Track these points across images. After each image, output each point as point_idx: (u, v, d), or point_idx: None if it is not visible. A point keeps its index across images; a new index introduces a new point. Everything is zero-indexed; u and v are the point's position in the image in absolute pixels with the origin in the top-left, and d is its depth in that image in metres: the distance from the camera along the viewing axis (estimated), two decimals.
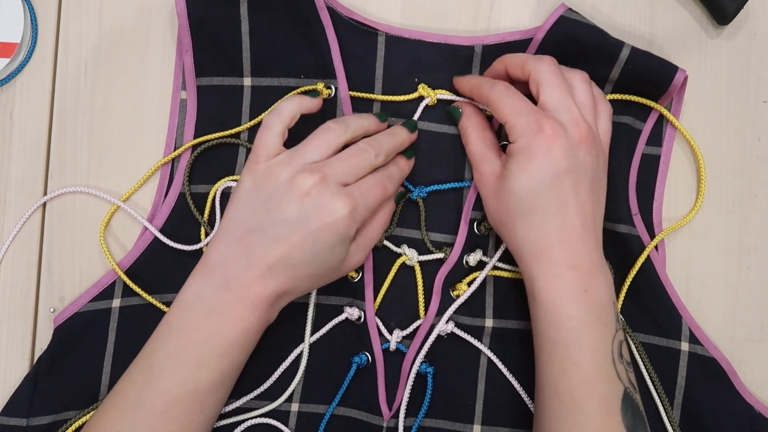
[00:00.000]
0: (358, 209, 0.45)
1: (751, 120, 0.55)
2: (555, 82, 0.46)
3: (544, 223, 0.45)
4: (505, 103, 0.46)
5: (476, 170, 0.49)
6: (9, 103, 0.55)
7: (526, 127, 0.45)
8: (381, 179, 0.47)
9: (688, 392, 0.51)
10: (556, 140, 0.44)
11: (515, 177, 0.45)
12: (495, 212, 0.47)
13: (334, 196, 0.44)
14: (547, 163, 0.44)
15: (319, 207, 0.44)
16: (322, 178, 0.44)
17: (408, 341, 0.51)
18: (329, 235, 0.44)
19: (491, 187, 0.47)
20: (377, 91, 0.53)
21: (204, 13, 0.52)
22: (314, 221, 0.44)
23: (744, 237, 0.54)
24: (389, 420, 0.50)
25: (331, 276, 0.47)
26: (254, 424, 0.50)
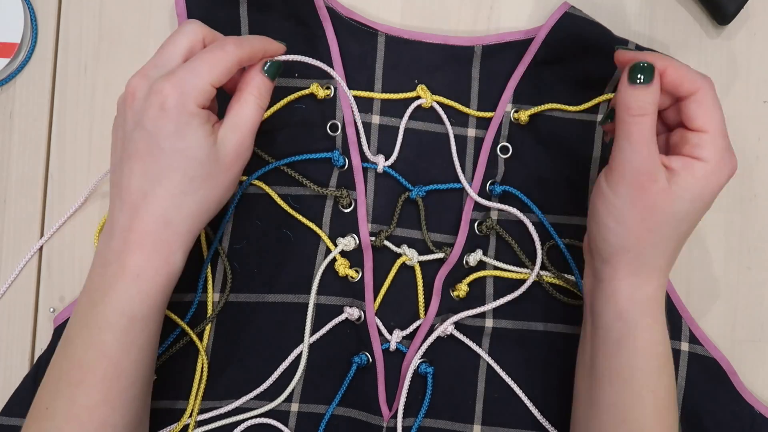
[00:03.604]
0: (184, 79, 0.40)
1: (751, 120, 0.55)
2: (720, 110, 0.42)
3: (676, 250, 0.43)
4: (712, 109, 0.41)
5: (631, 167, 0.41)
6: (9, 103, 0.55)
7: (722, 151, 0.40)
8: (216, 44, 0.42)
9: (688, 392, 0.51)
10: (729, 177, 0.41)
11: (689, 203, 0.41)
12: (632, 224, 0.41)
13: (155, 82, 0.40)
14: (713, 197, 0.41)
15: (144, 101, 0.40)
16: (142, 75, 0.41)
17: (408, 341, 0.51)
18: (163, 121, 0.40)
19: (644, 198, 0.41)
20: (377, 92, 0.53)
21: (204, 13, 0.52)
22: (146, 118, 0.40)
23: (744, 237, 0.54)
24: (389, 420, 0.50)
25: (215, 177, 0.42)
26: (254, 424, 0.50)
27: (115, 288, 0.41)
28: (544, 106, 0.52)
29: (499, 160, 0.52)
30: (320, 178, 0.52)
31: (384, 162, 0.52)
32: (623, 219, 0.41)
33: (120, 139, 0.42)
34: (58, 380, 0.42)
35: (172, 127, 0.40)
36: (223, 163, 0.42)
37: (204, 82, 0.40)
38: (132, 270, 0.41)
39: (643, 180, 0.40)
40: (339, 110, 0.52)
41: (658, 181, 0.40)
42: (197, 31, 0.43)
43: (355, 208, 0.52)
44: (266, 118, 0.52)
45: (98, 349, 0.41)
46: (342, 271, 0.51)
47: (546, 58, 0.52)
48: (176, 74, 0.40)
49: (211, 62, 0.41)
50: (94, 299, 0.41)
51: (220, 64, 0.41)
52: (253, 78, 0.44)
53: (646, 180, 0.40)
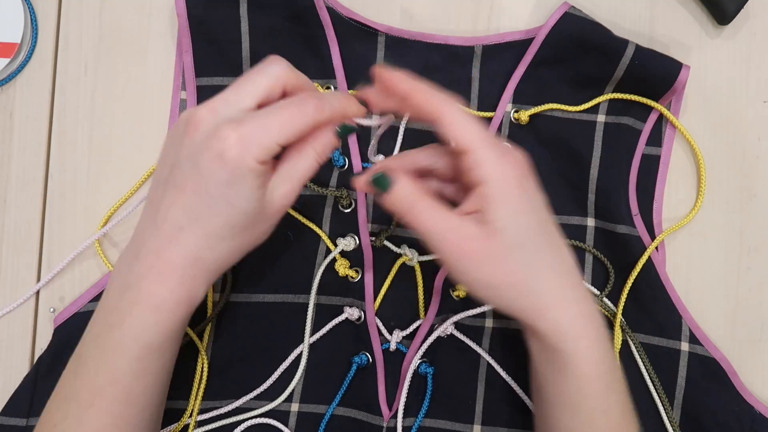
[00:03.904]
0: (252, 133, 0.37)
1: (751, 120, 0.55)
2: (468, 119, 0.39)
3: (553, 264, 0.40)
4: (466, 128, 0.38)
5: (447, 248, 0.39)
6: (9, 103, 0.55)
7: (496, 160, 0.38)
8: (295, 100, 0.39)
9: (688, 392, 0.51)
10: (522, 169, 0.39)
11: (509, 225, 0.38)
12: (491, 279, 0.39)
13: (221, 123, 0.38)
14: (530, 200, 0.39)
15: (205, 139, 0.38)
16: (211, 108, 0.39)
17: (408, 341, 0.51)
18: (218, 169, 0.37)
19: (476, 254, 0.38)
20: None
21: (204, 13, 0.52)
22: (202, 158, 0.37)
23: (744, 237, 0.54)
24: (389, 420, 0.50)
25: (256, 226, 0.40)
26: (254, 424, 0.50)
27: (132, 314, 0.39)
28: (544, 106, 0.52)
29: None
30: (320, 178, 0.52)
31: None
32: (487, 284, 0.39)
33: (169, 164, 0.40)
34: (68, 399, 0.41)
35: (225, 177, 0.37)
36: (267, 212, 0.40)
37: (271, 142, 0.38)
38: (153, 300, 0.39)
39: (463, 247, 0.38)
40: None
41: (472, 236, 0.38)
42: (280, 74, 0.40)
43: (355, 208, 0.52)
44: None
45: (110, 374, 0.40)
46: (342, 271, 0.51)
47: (546, 58, 0.52)
48: (245, 125, 0.37)
49: (284, 121, 0.38)
50: (109, 322, 0.40)
51: (294, 126, 0.38)
52: (323, 134, 0.41)
53: (464, 244, 0.38)
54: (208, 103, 0.39)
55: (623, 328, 0.51)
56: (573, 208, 0.53)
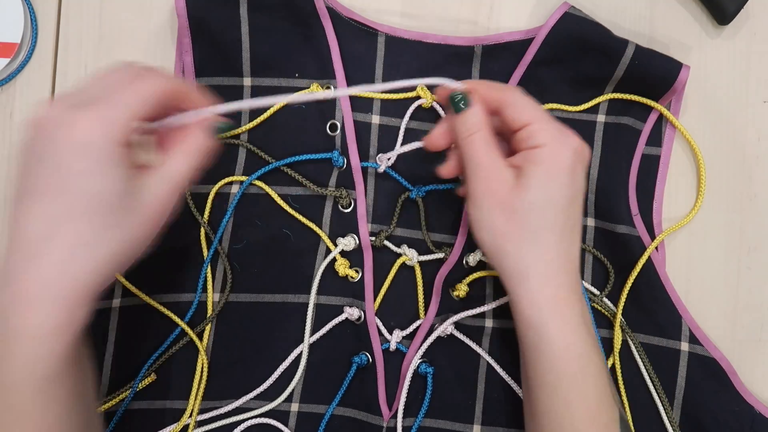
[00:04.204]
0: (101, 111, 0.35)
1: (751, 120, 0.55)
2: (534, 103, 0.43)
3: (559, 244, 0.41)
4: (526, 104, 0.42)
5: (480, 180, 0.42)
6: (9, 103, 0.55)
7: (554, 132, 0.41)
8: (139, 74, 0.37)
9: (688, 392, 0.51)
10: (580, 156, 0.41)
11: (540, 188, 0.40)
12: (502, 229, 0.41)
13: (65, 112, 0.35)
14: (572, 178, 0.41)
15: (52, 131, 0.34)
16: (58, 102, 0.36)
17: (408, 341, 0.51)
18: (72, 157, 0.34)
19: (500, 198, 0.41)
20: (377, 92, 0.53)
21: (204, 13, 0.52)
22: (53, 152, 0.34)
23: (744, 237, 0.54)
24: (389, 420, 0.50)
25: (130, 226, 0.36)
26: (254, 424, 0.50)
27: (12, 351, 0.34)
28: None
29: None
30: (320, 178, 0.52)
31: (386, 162, 0.52)
32: (490, 227, 0.42)
33: (23, 173, 0.36)
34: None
35: (82, 165, 0.34)
36: (140, 213, 0.37)
37: (124, 117, 0.35)
38: (28, 332, 0.34)
39: (492, 186, 0.41)
40: (338, 110, 0.52)
41: (505, 181, 0.41)
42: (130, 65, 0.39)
43: (354, 208, 0.52)
44: (266, 118, 0.52)
45: (13, 412, 0.35)
46: (342, 271, 0.51)
47: (546, 58, 0.52)
48: (93, 107, 0.35)
49: (133, 93, 0.36)
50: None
51: (143, 97, 0.36)
52: (195, 134, 0.40)
53: (495, 184, 0.41)
54: (55, 99, 0.37)
55: (623, 328, 0.51)
56: None
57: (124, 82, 0.37)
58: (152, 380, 0.50)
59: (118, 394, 0.50)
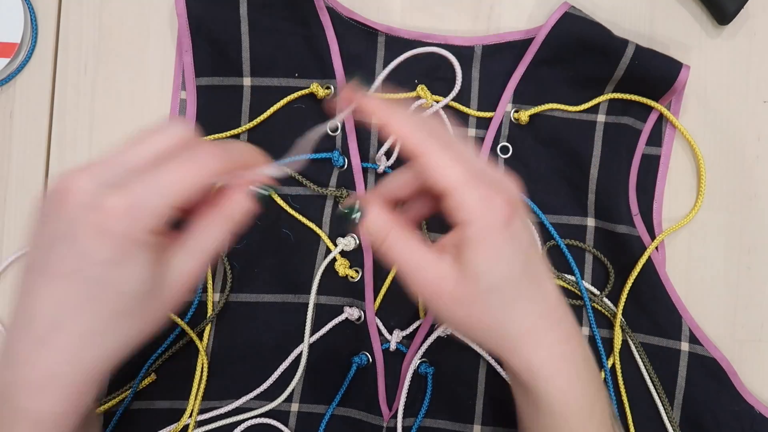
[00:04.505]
0: (139, 197, 0.31)
1: (751, 120, 0.55)
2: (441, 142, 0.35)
3: (533, 304, 0.37)
4: (451, 169, 0.34)
5: (419, 284, 0.36)
6: (9, 103, 0.55)
7: (479, 202, 0.34)
8: (185, 150, 0.33)
9: (688, 392, 0.51)
10: (514, 213, 0.35)
11: (486, 273, 0.35)
12: (464, 320, 0.36)
13: (100, 190, 0.31)
14: (515, 242, 0.35)
15: (82, 211, 0.31)
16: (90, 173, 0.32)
17: (408, 341, 0.51)
18: (99, 245, 0.30)
19: (450, 295, 0.35)
20: (377, 92, 0.53)
21: (204, 13, 0.52)
22: (79, 234, 0.31)
23: (744, 237, 0.54)
24: (389, 420, 0.50)
25: (150, 311, 0.33)
26: (254, 424, 0.50)
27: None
28: (544, 106, 0.52)
29: (499, 160, 0.52)
30: (320, 178, 0.52)
31: (385, 162, 0.52)
32: (457, 323, 0.37)
33: (40, 246, 0.32)
34: None
35: (109, 255, 0.31)
36: (164, 294, 0.33)
37: (162, 204, 0.31)
38: (32, 417, 0.32)
39: (435, 287, 0.36)
40: (339, 110, 0.52)
41: (445, 276, 0.35)
42: (181, 133, 0.34)
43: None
44: (266, 117, 0.52)
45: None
46: (342, 271, 0.51)
47: (546, 58, 0.52)
48: (129, 189, 0.31)
49: (177, 177, 0.32)
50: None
51: (188, 182, 0.32)
52: (237, 200, 0.35)
53: (436, 284, 0.36)
54: (86, 166, 0.32)
55: (623, 328, 0.51)
56: (573, 208, 0.53)
57: (170, 157, 0.32)
58: (152, 380, 0.50)
59: (118, 394, 0.50)
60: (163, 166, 0.32)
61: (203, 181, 0.32)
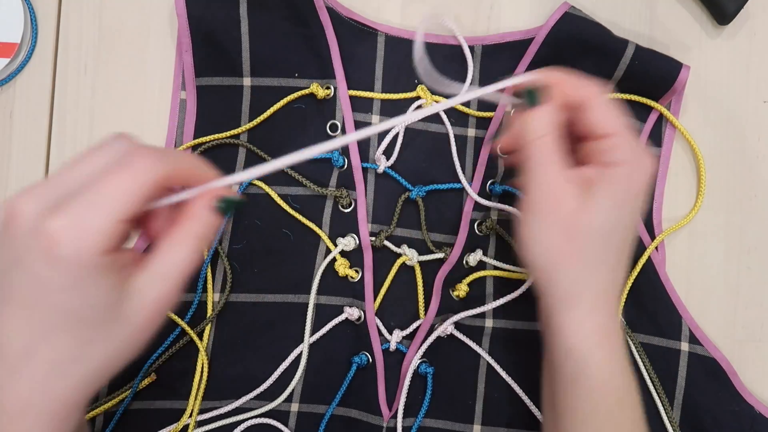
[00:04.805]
0: (82, 216, 0.29)
1: (751, 120, 0.55)
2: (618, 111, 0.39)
3: (615, 271, 0.38)
4: (611, 112, 0.38)
5: (542, 192, 0.38)
6: (9, 103, 0.55)
7: (636, 151, 0.37)
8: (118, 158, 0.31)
9: (688, 392, 0.51)
10: (649, 177, 0.38)
11: (610, 213, 0.37)
12: (559, 249, 0.37)
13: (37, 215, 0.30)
14: (639, 201, 0.38)
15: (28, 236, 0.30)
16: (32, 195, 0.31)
17: (408, 341, 0.51)
18: (51, 273, 0.29)
19: (562, 219, 0.37)
20: (377, 92, 0.53)
21: (204, 13, 0.52)
22: (29, 261, 0.30)
23: (744, 237, 0.54)
24: (389, 420, 0.50)
25: (122, 337, 0.32)
26: (254, 424, 0.50)
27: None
28: None
29: (499, 160, 0.52)
30: (320, 178, 0.52)
31: (384, 162, 0.52)
32: (546, 246, 0.38)
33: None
34: None
35: (62, 282, 0.29)
36: (130, 321, 0.32)
37: (108, 221, 0.30)
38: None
39: (555, 200, 0.37)
40: (339, 110, 0.52)
41: (571, 197, 0.37)
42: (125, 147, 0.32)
43: (355, 208, 0.52)
44: (266, 117, 0.52)
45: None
46: (342, 271, 0.51)
47: (546, 58, 0.52)
48: (70, 209, 0.29)
49: (117, 189, 0.30)
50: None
51: (129, 191, 0.30)
52: (199, 213, 0.33)
53: (559, 199, 0.37)
54: (29, 188, 0.31)
55: (623, 328, 0.51)
56: None
57: (110, 169, 0.31)
58: (152, 380, 0.50)
59: (118, 394, 0.50)
60: (99, 179, 0.30)
61: (144, 189, 0.31)
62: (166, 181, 0.32)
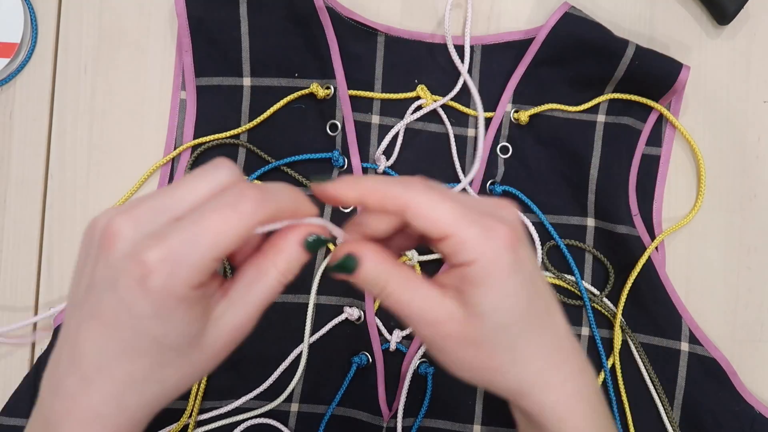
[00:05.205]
0: (180, 250, 0.29)
1: (751, 120, 0.55)
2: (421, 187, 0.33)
3: (542, 339, 0.35)
4: (441, 209, 0.32)
5: (424, 328, 0.34)
6: (9, 103, 0.55)
7: (478, 239, 0.32)
8: (227, 197, 0.31)
9: (688, 392, 0.51)
10: (516, 241, 0.33)
11: (494, 312, 0.33)
12: (472, 362, 0.35)
13: (141, 239, 0.30)
14: (520, 275, 0.33)
15: (123, 260, 0.30)
16: (131, 217, 0.31)
17: (408, 341, 0.51)
18: (142, 299, 0.30)
19: (456, 336, 0.34)
20: (377, 92, 0.53)
21: (203, 13, 0.52)
22: (121, 284, 0.30)
23: (744, 237, 0.54)
24: (389, 420, 0.50)
25: (197, 364, 0.33)
26: (254, 424, 0.50)
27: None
28: (544, 107, 0.52)
29: (499, 160, 0.52)
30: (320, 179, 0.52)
31: (384, 162, 0.52)
32: (465, 367, 0.36)
33: (85, 284, 0.32)
34: None
35: (150, 310, 0.30)
36: (210, 347, 0.33)
37: (204, 259, 0.30)
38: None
39: (441, 329, 0.34)
40: (339, 110, 0.52)
41: (451, 317, 0.34)
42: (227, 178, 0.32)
43: (355, 209, 0.52)
44: (266, 117, 0.52)
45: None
46: None
47: (546, 59, 0.52)
48: (169, 240, 0.30)
49: (217, 229, 0.30)
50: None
51: (230, 233, 0.30)
52: (287, 248, 0.33)
53: (442, 326, 0.34)
54: (129, 209, 0.31)
55: (623, 328, 0.51)
56: (573, 208, 0.53)
57: (215, 207, 0.30)
58: None
59: None
60: (202, 216, 0.30)
61: (246, 231, 0.30)
62: (268, 222, 0.32)
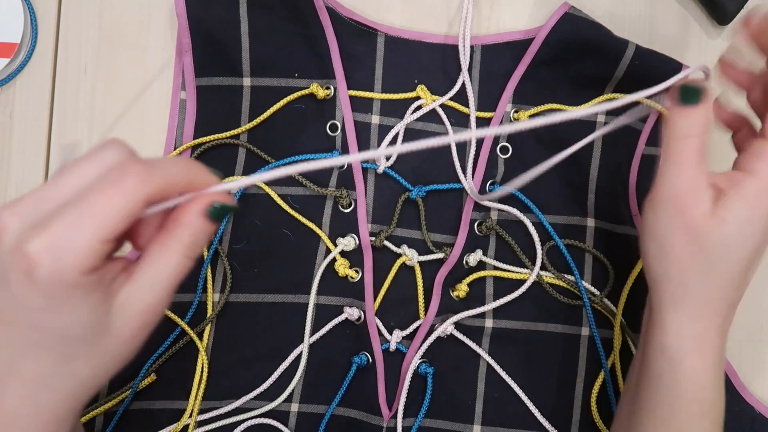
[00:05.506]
0: (63, 236, 0.28)
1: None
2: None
3: (729, 286, 0.37)
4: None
5: (673, 191, 0.37)
6: (9, 103, 0.55)
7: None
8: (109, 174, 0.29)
9: None
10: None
11: (737, 227, 0.35)
12: (676, 251, 0.37)
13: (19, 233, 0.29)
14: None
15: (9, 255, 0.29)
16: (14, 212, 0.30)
17: (408, 341, 0.51)
18: (31, 293, 0.28)
19: (687, 223, 0.36)
20: (377, 92, 0.53)
21: (204, 13, 0.52)
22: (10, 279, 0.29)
23: None
24: (389, 420, 0.50)
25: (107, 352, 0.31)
26: (254, 424, 0.50)
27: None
28: (544, 107, 0.52)
29: (498, 160, 0.52)
30: (320, 178, 0.52)
31: (384, 162, 0.52)
32: (664, 245, 0.37)
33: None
34: None
35: (42, 303, 0.29)
36: (119, 334, 0.31)
37: (90, 242, 0.28)
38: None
39: (684, 203, 0.36)
40: (339, 110, 0.52)
41: (701, 203, 0.36)
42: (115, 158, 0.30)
43: (355, 208, 0.52)
44: (266, 118, 0.52)
45: None
46: (342, 271, 0.51)
47: (546, 59, 0.52)
48: (51, 230, 0.28)
49: (101, 209, 0.28)
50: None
51: (114, 212, 0.28)
52: (189, 221, 0.31)
53: (688, 203, 0.36)
54: (15, 202, 0.30)
55: (623, 328, 0.51)
56: (573, 208, 0.53)
57: (97, 186, 0.29)
58: (152, 380, 0.50)
59: (118, 394, 0.50)
60: (85, 198, 0.29)
61: (132, 208, 0.29)
62: (158, 197, 0.30)
